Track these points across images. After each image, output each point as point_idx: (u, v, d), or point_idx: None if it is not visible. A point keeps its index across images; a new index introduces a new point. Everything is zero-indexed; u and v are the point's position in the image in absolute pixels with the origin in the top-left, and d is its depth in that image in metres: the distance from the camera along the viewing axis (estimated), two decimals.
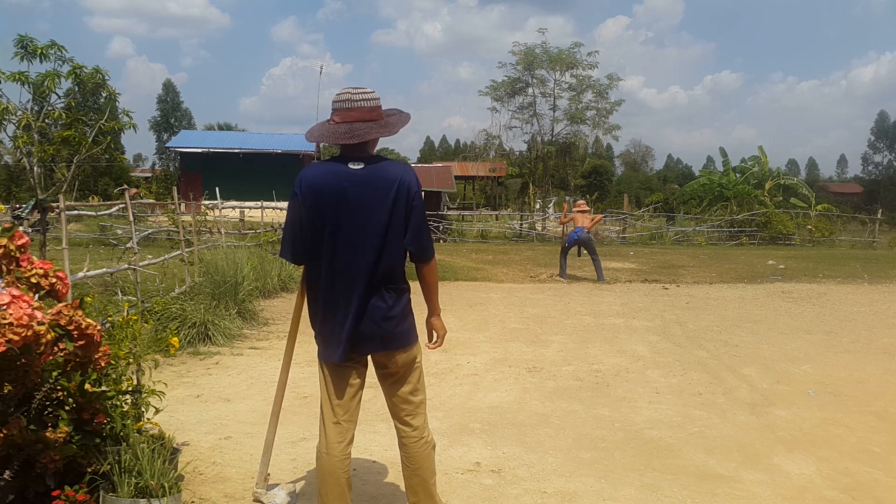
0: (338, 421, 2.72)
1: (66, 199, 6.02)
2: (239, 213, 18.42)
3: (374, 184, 2.54)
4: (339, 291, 2.59)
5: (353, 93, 2.61)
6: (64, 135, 6.08)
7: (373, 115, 2.60)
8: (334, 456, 2.70)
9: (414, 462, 2.79)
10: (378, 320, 2.60)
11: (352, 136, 2.55)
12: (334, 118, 2.62)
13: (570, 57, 31.00)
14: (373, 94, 2.63)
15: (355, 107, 2.59)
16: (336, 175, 2.55)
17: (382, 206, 2.54)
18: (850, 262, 16.78)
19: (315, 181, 2.57)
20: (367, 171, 2.55)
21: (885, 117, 78.08)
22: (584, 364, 6.23)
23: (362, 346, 2.64)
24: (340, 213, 2.54)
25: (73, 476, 2.75)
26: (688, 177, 59.57)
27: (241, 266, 8.16)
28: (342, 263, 2.57)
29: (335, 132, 2.58)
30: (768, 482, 3.67)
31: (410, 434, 2.78)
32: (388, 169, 2.58)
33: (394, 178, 2.56)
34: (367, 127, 2.58)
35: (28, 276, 2.60)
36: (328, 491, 2.71)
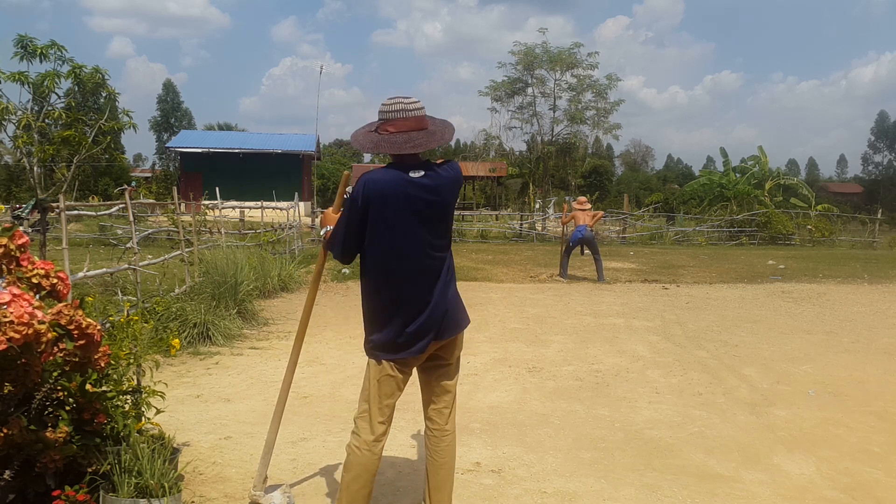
0: (383, 420, 2.80)
1: (66, 199, 6.02)
2: (239, 213, 18.41)
3: (439, 191, 2.69)
4: (416, 289, 2.72)
5: (407, 103, 2.71)
6: (64, 135, 6.08)
7: (423, 124, 2.73)
8: (375, 454, 2.79)
9: (444, 456, 2.92)
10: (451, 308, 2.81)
11: (413, 146, 2.66)
12: (388, 127, 2.70)
13: (571, 57, 31.02)
14: (420, 103, 2.75)
15: (410, 116, 2.70)
16: (403, 183, 2.63)
17: (447, 208, 2.74)
18: (850, 262, 16.79)
19: (378, 189, 2.62)
20: (430, 180, 2.67)
21: (885, 117, 78.08)
22: (584, 364, 6.23)
23: (441, 333, 2.78)
24: (412, 219, 2.65)
25: (73, 476, 2.75)
26: (688, 177, 59.58)
27: (241, 266, 8.16)
28: (416, 266, 2.70)
29: (393, 141, 2.67)
30: (768, 482, 3.67)
31: (444, 428, 2.92)
32: (446, 172, 2.73)
33: (454, 183, 2.75)
34: (423, 136, 2.69)
35: (29, 277, 2.60)
36: (361, 486, 2.78)
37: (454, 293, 2.86)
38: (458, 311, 2.87)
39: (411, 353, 2.76)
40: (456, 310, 2.85)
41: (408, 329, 2.72)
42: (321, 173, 50.10)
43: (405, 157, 2.68)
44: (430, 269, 2.73)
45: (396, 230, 2.65)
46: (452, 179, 2.74)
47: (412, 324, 2.72)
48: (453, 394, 2.96)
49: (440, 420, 2.92)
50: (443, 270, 2.77)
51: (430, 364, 2.90)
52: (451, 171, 2.76)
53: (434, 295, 2.73)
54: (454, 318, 2.83)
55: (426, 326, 2.73)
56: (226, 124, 70.84)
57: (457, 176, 2.77)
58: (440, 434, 2.92)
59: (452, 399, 2.95)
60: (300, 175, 36.77)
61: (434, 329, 2.75)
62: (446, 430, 2.93)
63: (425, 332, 2.73)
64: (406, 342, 2.74)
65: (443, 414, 2.93)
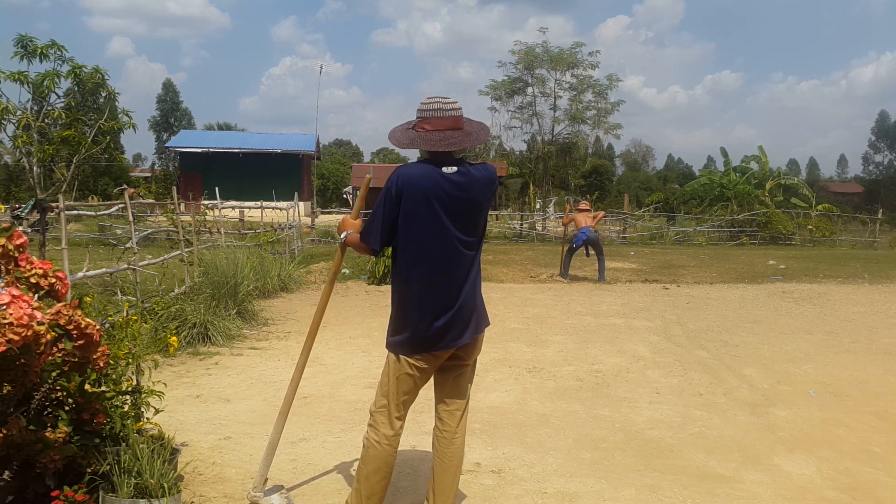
0: (400, 416, 2.86)
1: (66, 198, 6.02)
2: (238, 213, 18.41)
3: (470, 189, 2.72)
4: (444, 284, 2.74)
5: (444, 103, 2.77)
6: (63, 134, 6.08)
7: (459, 124, 2.78)
8: (394, 447, 2.85)
9: (452, 458, 2.92)
10: (478, 308, 2.86)
11: (448, 145, 2.71)
12: (424, 126, 2.75)
13: (571, 57, 31.02)
14: (458, 103, 2.80)
15: (448, 116, 2.75)
16: (435, 178, 2.68)
17: (477, 206, 2.76)
18: (851, 262, 16.79)
19: (412, 182, 2.68)
20: (462, 177, 2.71)
21: (885, 117, 78.02)
22: (585, 364, 6.23)
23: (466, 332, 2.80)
24: (442, 213, 2.68)
25: (72, 476, 2.75)
26: (688, 177, 59.55)
27: (240, 266, 8.15)
28: (446, 259, 2.72)
29: (429, 139, 2.73)
30: (769, 482, 3.66)
31: (455, 431, 2.93)
32: (479, 171, 2.77)
33: (487, 182, 2.77)
34: (460, 135, 2.75)
35: (27, 276, 2.60)
36: (381, 478, 2.84)
37: (480, 293, 2.90)
38: (482, 312, 2.91)
39: (435, 350, 2.78)
40: (481, 310, 2.90)
41: (435, 324, 2.74)
42: (321, 173, 50.10)
43: (440, 154, 2.73)
44: (459, 266, 2.75)
45: (428, 223, 2.68)
46: (486, 179, 2.77)
47: (440, 319, 2.74)
48: (467, 397, 2.98)
49: (451, 422, 2.93)
50: (472, 269, 2.81)
51: (449, 364, 2.90)
52: (485, 171, 2.80)
53: (463, 292, 2.77)
54: (479, 318, 2.87)
55: (453, 323, 2.75)
56: (225, 124, 70.78)
57: (490, 176, 2.80)
58: (450, 436, 2.92)
59: (465, 402, 2.97)
60: (300, 175, 36.78)
61: (460, 326, 2.78)
62: (456, 432, 2.93)
63: (451, 329, 2.76)
64: (431, 339, 2.76)
65: (454, 416, 2.93)
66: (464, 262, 2.76)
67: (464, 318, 2.78)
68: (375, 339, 7.00)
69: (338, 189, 54.52)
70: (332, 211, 33.07)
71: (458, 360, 2.91)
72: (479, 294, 2.91)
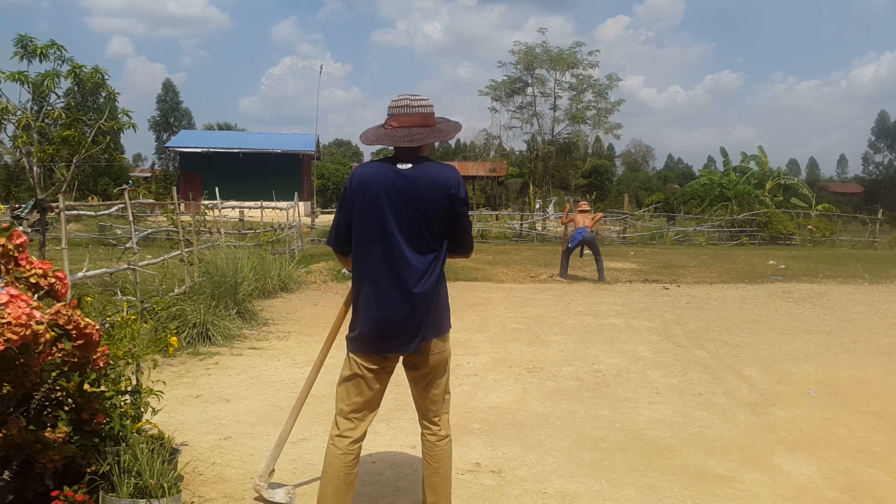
0: (350, 416, 2.78)
1: (66, 198, 6.02)
2: (238, 213, 18.40)
3: (420, 183, 2.64)
4: (387, 286, 2.66)
5: (412, 99, 2.73)
6: (63, 134, 6.08)
7: (427, 122, 2.73)
8: (339, 448, 2.76)
9: (438, 461, 2.88)
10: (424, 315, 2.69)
11: (410, 140, 2.66)
12: (391, 123, 2.72)
13: (571, 56, 31.03)
14: (428, 101, 2.75)
15: (414, 112, 2.71)
16: (384, 173, 2.66)
17: (429, 204, 2.64)
18: (851, 262, 16.79)
19: (365, 179, 2.67)
20: (414, 171, 2.65)
21: (885, 117, 78.00)
22: (585, 364, 6.23)
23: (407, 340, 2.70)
24: (385, 209, 2.63)
25: (72, 476, 2.75)
26: (688, 177, 59.55)
27: (240, 266, 8.15)
28: (389, 259, 2.65)
29: (393, 136, 2.68)
30: (769, 482, 3.66)
31: (437, 433, 2.88)
32: (435, 169, 2.69)
33: (440, 179, 2.66)
34: (424, 132, 2.70)
35: (27, 276, 2.60)
36: (328, 481, 2.78)
37: (434, 300, 2.71)
38: (437, 320, 2.75)
39: (379, 353, 2.72)
40: (437, 318, 2.75)
41: (379, 327, 2.69)
42: (321, 173, 50.09)
43: (404, 151, 2.69)
44: (409, 270, 2.64)
45: (376, 221, 2.64)
46: (443, 178, 2.65)
47: (383, 322, 2.68)
48: (440, 401, 2.89)
49: (432, 426, 2.89)
50: (427, 275, 2.67)
51: (411, 370, 2.85)
52: (445, 171, 2.69)
53: (413, 298, 2.65)
54: (430, 326, 2.72)
55: (397, 329, 2.67)
56: (225, 124, 70.83)
57: (448, 176, 2.66)
58: (433, 439, 2.88)
59: (440, 406, 2.90)
60: (300, 175, 36.76)
61: (407, 333, 2.68)
62: (439, 435, 2.89)
63: (395, 334, 2.68)
64: (375, 341, 2.71)
65: (433, 421, 2.89)
66: (415, 267, 2.64)
67: (411, 325, 2.67)
68: None
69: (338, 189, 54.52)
70: (332, 211, 33.08)
71: (415, 369, 2.82)
72: (438, 301, 2.75)
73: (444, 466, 2.89)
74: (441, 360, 2.83)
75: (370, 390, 2.77)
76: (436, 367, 2.82)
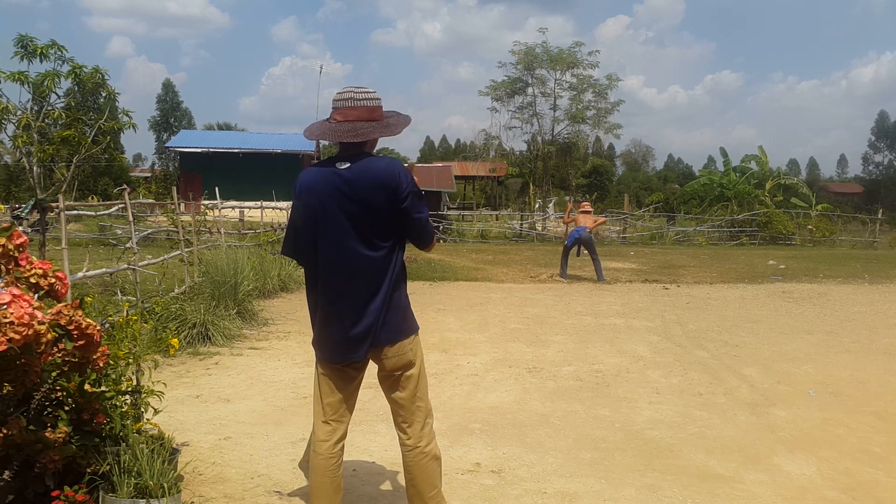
0: (326, 420, 2.71)
1: (66, 198, 6.02)
2: (238, 213, 18.41)
3: (358, 183, 2.52)
4: (334, 291, 2.58)
5: (356, 92, 2.61)
6: (63, 134, 6.07)
7: (374, 116, 2.60)
8: (319, 453, 2.69)
9: (411, 471, 2.76)
10: (378, 318, 2.58)
11: (354, 135, 2.54)
12: (335, 116, 2.61)
13: (571, 56, 31.04)
14: (374, 94, 2.62)
15: (358, 106, 2.58)
16: (324, 176, 2.57)
17: (368, 204, 2.52)
18: (851, 262, 16.78)
19: (306, 183, 2.61)
20: (352, 171, 2.53)
21: (885, 117, 77.99)
22: (585, 364, 6.23)
23: (359, 345, 2.60)
24: (327, 213, 2.54)
25: (72, 476, 2.75)
26: (688, 177, 59.55)
27: (240, 266, 8.15)
28: (335, 263, 2.56)
29: (336, 130, 2.57)
30: (769, 482, 3.66)
31: (406, 443, 2.74)
32: (374, 166, 2.54)
33: (378, 175, 2.52)
34: (369, 126, 2.57)
35: (27, 276, 2.60)
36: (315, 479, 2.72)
37: (388, 303, 2.59)
38: (393, 324, 2.62)
39: (332, 361, 2.66)
40: (393, 323, 2.61)
41: (326, 332, 2.63)
42: None
43: (347, 147, 2.58)
44: (353, 272, 2.55)
45: (316, 223, 2.56)
46: (381, 172, 2.52)
47: (327, 327, 2.61)
48: (410, 408, 2.72)
49: (402, 434, 2.75)
50: (379, 278, 2.56)
51: (379, 373, 2.74)
52: (382, 164, 2.56)
53: (351, 305, 2.55)
54: (381, 329, 2.59)
55: (342, 333, 2.58)
56: (225, 124, 70.87)
57: (386, 170, 2.53)
58: (404, 449, 2.75)
59: (411, 413, 2.72)
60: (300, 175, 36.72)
61: (345, 341, 2.59)
62: (408, 444, 2.72)
63: (341, 339, 2.59)
64: (324, 345, 2.65)
65: (402, 428, 2.74)
66: (361, 272, 2.54)
67: (357, 334, 2.56)
68: None
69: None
70: None
71: (381, 371, 2.71)
72: (392, 307, 2.60)
73: (418, 479, 2.73)
74: (398, 365, 2.66)
75: (339, 391, 2.69)
76: (393, 370, 2.67)
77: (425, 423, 2.75)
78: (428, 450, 2.73)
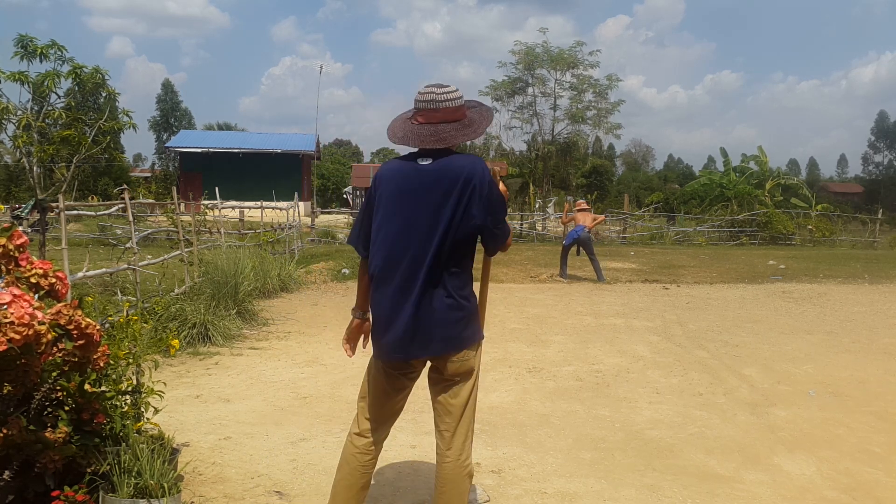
0: (369, 417, 2.70)
1: (66, 198, 6.02)
2: (238, 213, 18.41)
3: (437, 178, 2.48)
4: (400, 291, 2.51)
5: (438, 93, 2.56)
6: (63, 134, 6.08)
7: (457, 115, 2.57)
8: (357, 447, 2.69)
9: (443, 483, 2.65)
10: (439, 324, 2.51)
11: (437, 140, 2.51)
12: (418, 118, 2.57)
13: (572, 56, 31.00)
14: (456, 92, 2.59)
15: (440, 108, 2.54)
16: (405, 172, 2.54)
17: (445, 200, 2.46)
18: (851, 263, 16.78)
19: (387, 177, 2.57)
20: (434, 167, 2.50)
21: (885, 117, 77.96)
22: (585, 364, 6.23)
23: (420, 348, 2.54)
24: (406, 209, 2.50)
25: (72, 476, 2.75)
26: (688, 177, 59.53)
27: (240, 266, 8.15)
28: (405, 260, 2.50)
29: (420, 134, 2.54)
30: (769, 482, 3.66)
31: (444, 453, 2.65)
32: (455, 164, 2.50)
33: (459, 171, 2.47)
34: (452, 129, 2.55)
35: (28, 276, 2.60)
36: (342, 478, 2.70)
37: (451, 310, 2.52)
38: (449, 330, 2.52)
39: (386, 358, 2.60)
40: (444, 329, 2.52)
41: (386, 331, 2.55)
42: (321, 173, 50.12)
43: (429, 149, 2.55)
44: (421, 273, 2.47)
45: (394, 217, 2.52)
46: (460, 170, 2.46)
47: (389, 326, 2.53)
48: (457, 416, 2.62)
49: (441, 443, 2.66)
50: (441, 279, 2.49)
51: (432, 375, 2.67)
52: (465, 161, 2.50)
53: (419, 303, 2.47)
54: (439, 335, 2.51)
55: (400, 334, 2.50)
56: (225, 124, 70.80)
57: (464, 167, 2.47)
58: (441, 458, 2.65)
59: (456, 422, 2.62)
60: (300, 175, 36.78)
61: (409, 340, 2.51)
62: (447, 455, 2.63)
63: (399, 339, 2.51)
64: (384, 344, 2.57)
65: (443, 436, 2.64)
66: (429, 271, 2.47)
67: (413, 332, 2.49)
68: None
69: (338, 189, 54.52)
70: (332, 211, 33.10)
71: (437, 373, 2.64)
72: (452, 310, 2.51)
73: (450, 494, 2.62)
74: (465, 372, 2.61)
75: (389, 394, 2.68)
76: (460, 377, 2.61)
77: (467, 436, 2.68)
78: (467, 464, 2.66)
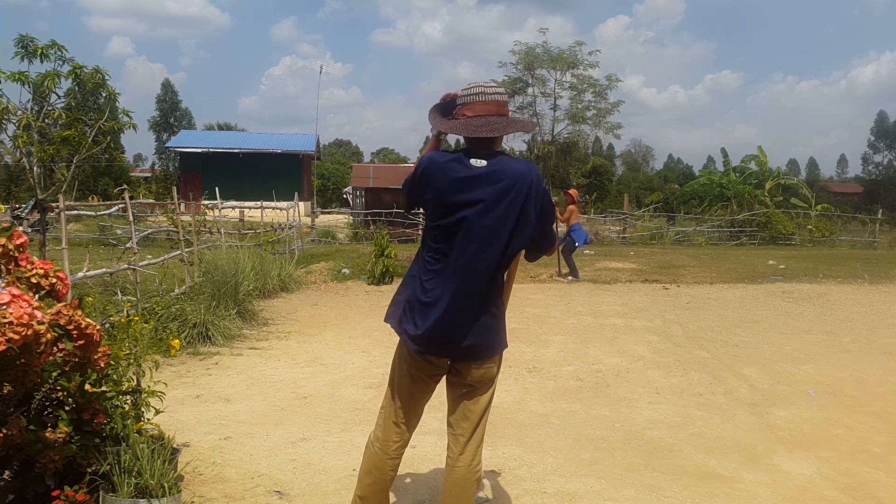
0: (398, 421, 2.64)
1: (66, 198, 6.02)
2: (238, 213, 18.41)
3: (494, 181, 2.42)
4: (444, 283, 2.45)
5: (487, 87, 2.53)
6: (64, 135, 6.08)
7: (503, 111, 2.53)
8: (387, 453, 2.64)
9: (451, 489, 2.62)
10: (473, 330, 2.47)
11: (489, 129, 2.43)
12: (465, 112, 2.50)
13: (572, 56, 30.98)
14: (503, 89, 2.57)
15: (489, 100, 2.50)
16: (458, 168, 2.43)
17: (500, 205, 2.41)
18: (851, 262, 16.77)
19: (437, 166, 2.47)
20: (488, 169, 2.42)
21: (884, 117, 77.90)
22: (585, 364, 6.23)
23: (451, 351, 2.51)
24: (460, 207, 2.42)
25: (72, 476, 2.75)
26: (688, 177, 59.51)
27: (241, 266, 8.16)
28: (454, 256, 2.44)
29: (469, 125, 2.46)
30: (769, 482, 3.66)
31: (456, 458, 2.61)
32: (512, 167, 2.45)
33: (516, 176, 2.43)
34: (503, 121, 2.49)
35: (28, 276, 2.60)
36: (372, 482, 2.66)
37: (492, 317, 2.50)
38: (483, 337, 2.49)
39: (420, 350, 2.50)
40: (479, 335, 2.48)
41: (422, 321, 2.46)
42: (321, 173, 50.12)
43: (477, 144, 2.46)
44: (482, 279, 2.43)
45: (443, 215, 2.44)
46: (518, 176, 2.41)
47: (426, 318, 2.45)
48: (475, 421, 2.58)
49: (454, 447, 2.60)
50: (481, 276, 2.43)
51: (452, 378, 2.60)
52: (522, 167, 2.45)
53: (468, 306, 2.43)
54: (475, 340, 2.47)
55: (437, 332, 2.44)
56: (225, 124, 70.78)
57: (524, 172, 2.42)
58: (452, 461, 2.60)
59: (473, 427, 2.58)
60: (300, 175, 36.79)
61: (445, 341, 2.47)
62: (459, 460, 2.58)
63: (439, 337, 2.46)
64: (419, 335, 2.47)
65: (458, 441, 2.59)
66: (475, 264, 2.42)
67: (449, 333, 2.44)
68: (375, 339, 7.00)
69: (338, 189, 54.52)
70: (332, 211, 33.13)
71: (459, 377, 2.57)
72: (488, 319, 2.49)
73: (459, 499, 2.59)
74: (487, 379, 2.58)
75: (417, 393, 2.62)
76: (481, 384, 2.58)
77: (481, 442, 2.66)
78: (478, 469, 2.64)
